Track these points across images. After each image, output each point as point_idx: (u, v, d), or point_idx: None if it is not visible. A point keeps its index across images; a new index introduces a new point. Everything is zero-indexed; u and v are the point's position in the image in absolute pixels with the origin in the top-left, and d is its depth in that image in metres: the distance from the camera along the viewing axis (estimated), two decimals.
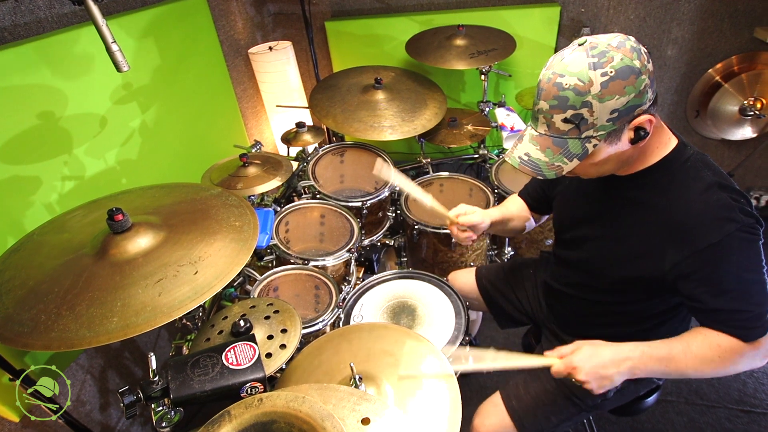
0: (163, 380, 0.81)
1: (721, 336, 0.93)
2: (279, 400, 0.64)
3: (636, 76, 0.83)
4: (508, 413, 1.23)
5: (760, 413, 1.81)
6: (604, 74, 0.82)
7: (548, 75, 0.88)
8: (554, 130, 0.90)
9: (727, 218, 0.88)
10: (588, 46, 0.85)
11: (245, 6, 2.52)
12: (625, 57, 0.83)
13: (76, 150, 1.53)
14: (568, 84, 0.84)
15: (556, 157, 0.91)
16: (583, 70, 0.84)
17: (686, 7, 2.29)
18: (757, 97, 2.26)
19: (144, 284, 0.97)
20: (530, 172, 0.94)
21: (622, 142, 0.90)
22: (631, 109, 0.85)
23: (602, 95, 0.83)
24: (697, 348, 0.94)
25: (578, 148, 0.89)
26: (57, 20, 1.51)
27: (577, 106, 0.85)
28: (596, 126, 0.86)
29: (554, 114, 0.88)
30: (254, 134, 2.69)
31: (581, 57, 0.84)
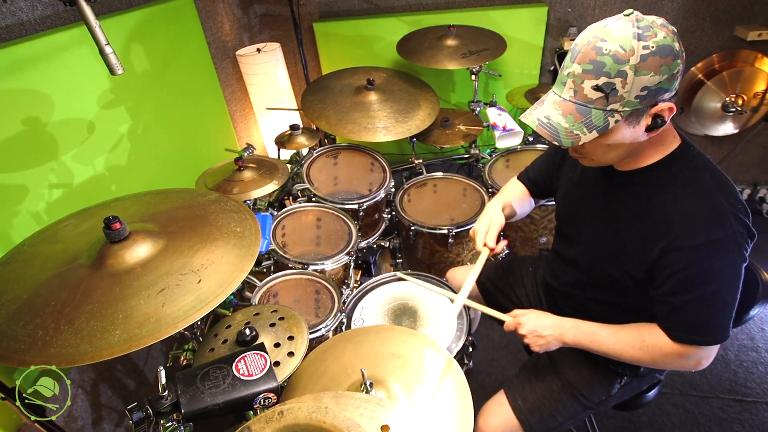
0: (172, 394, 0.78)
1: (653, 334, 1.00)
2: (301, 412, 0.62)
3: (674, 57, 0.82)
4: (513, 413, 1.23)
5: (751, 402, 1.85)
6: (646, 47, 0.81)
7: (588, 38, 0.86)
8: (581, 96, 0.87)
9: (718, 224, 0.89)
10: (634, 18, 0.84)
11: (232, 7, 2.47)
12: (668, 36, 0.82)
13: (63, 156, 1.47)
14: (608, 50, 0.82)
15: (576, 125, 0.88)
16: (627, 38, 0.82)
17: (669, 6, 2.34)
18: (739, 94, 2.32)
19: (146, 295, 0.94)
20: (547, 135, 0.91)
21: (640, 126, 0.89)
22: (660, 92, 0.84)
23: (640, 68, 0.81)
24: (623, 335, 1.05)
25: (600, 119, 0.87)
26: (40, 22, 1.46)
27: (612, 73, 0.83)
28: (624, 100, 0.84)
29: (585, 79, 0.85)
30: (243, 137, 2.65)
31: (627, 26, 0.83)
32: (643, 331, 1.03)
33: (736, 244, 0.89)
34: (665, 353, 0.99)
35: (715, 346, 0.97)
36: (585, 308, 1.23)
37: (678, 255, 0.92)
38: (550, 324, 1.12)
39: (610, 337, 1.06)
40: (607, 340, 1.07)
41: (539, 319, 1.14)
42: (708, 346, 0.96)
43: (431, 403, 1.04)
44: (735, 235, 0.89)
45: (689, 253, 0.91)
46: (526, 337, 1.14)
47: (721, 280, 0.91)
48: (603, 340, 1.07)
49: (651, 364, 1.03)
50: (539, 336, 1.12)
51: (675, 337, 0.97)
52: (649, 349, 1.01)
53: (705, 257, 0.90)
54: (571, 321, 1.12)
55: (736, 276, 0.92)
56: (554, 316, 1.14)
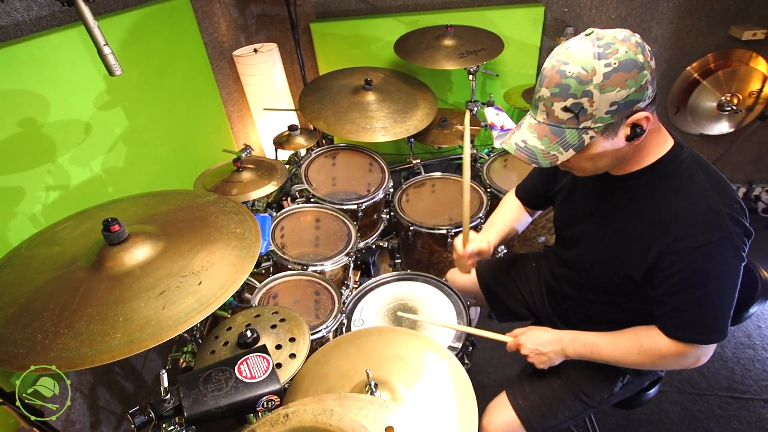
0: (174, 398, 0.78)
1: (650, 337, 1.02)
2: (306, 415, 0.61)
3: (639, 70, 0.83)
4: (514, 411, 1.24)
5: (749, 399, 1.86)
6: (608, 65, 0.83)
7: (552, 62, 0.88)
8: (553, 119, 0.90)
9: (714, 225, 0.89)
10: (594, 37, 0.86)
11: (228, 7, 2.46)
12: (629, 50, 0.83)
13: (60, 158, 1.46)
14: (571, 72, 0.85)
15: (552, 146, 0.90)
16: (587, 59, 0.84)
17: (665, 6, 2.36)
18: (734, 93, 2.34)
19: (146, 297, 0.93)
20: (525, 159, 0.94)
21: (618, 137, 0.90)
22: (631, 104, 0.85)
23: (604, 86, 0.83)
24: (621, 342, 1.06)
25: (575, 138, 0.89)
26: (36, 23, 1.44)
27: (578, 94, 0.85)
28: (595, 117, 0.86)
29: (554, 102, 0.88)
30: (241, 138, 2.64)
31: (587, 46, 0.85)
32: (640, 336, 1.04)
33: (732, 245, 0.90)
34: (664, 354, 1.00)
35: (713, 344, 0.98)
36: (586, 309, 1.23)
37: (675, 257, 0.92)
38: (549, 340, 1.15)
39: (609, 345, 1.08)
40: (606, 348, 1.08)
41: (538, 336, 1.16)
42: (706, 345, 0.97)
43: None
44: (731, 235, 0.89)
45: (686, 256, 0.91)
46: (529, 357, 1.16)
47: (719, 281, 0.92)
48: (602, 350, 1.09)
49: (651, 366, 1.05)
50: (540, 354, 1.14)
51: (674, 336, 0.98)
52: (647, 353, 1.02)
53: (702, 259, 0.90)
54: (569, 333, 1.14)
55: (733, 276, 0.92)
56: (553, 331, 1.17)
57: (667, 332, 0.99)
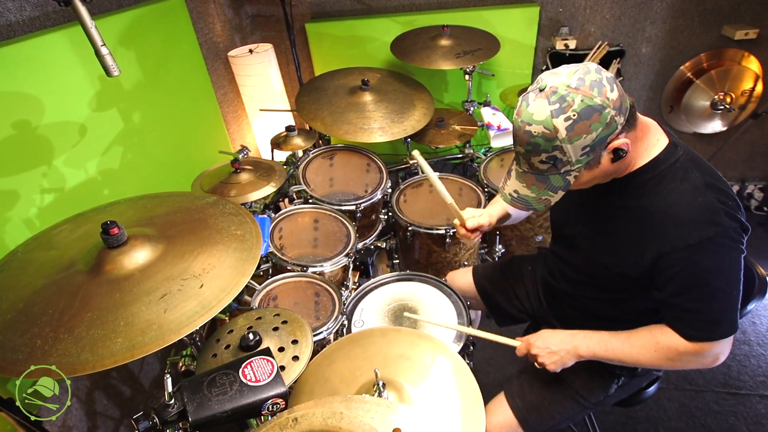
0: (178, 402, 0.77)
1: (666, 334, 1.00)
2: (315, 419, 0.61)
3: (599, 113, 0.85)
4: (513, 412, 1.24)
5: (745, 395, 1.88)
6: (567, 119, 0.85)
7: (518, 122, 0.92)
8: (535, 170, 0.95)
9: (710, 221, 0.90)
10: (549, 92, 0.87)
11: (223, 8, 2.45)
12: (585, 98, 0.84)
13: (54, 160, 1.44)
14: (536, 131, 0.88)
15: (542, 192, 0.96)
16: (546, 118, 0.86)
17: (659, 6, 2.38)
18: (727, 92, 2.36)
19: (147, 301, 0.92)
20: (522, 208, 1.01)
21: (603, 164, 0.93)
22: (603, 140, 0.88)
23: (570, 138, 0.87)
24: (636, 339, 1.04)
25: (560, 181, 0.94)
26: (29, 23, 1.42)
27: (549, 149, 0.89)
28: (572, 162, 0.90)
29: (531, 156, 0.93)
30: (236, 139, 2.62)
31: (543, 105, 0.87)
32: (656, 333, 1.02)
33: (730, 239, 0.91)
34: (681, 353, 0.99)
35: (729, 339, 0.97)
36: (585, 306, 1.24)
37: (675, 256, 0.93)
38: (560, 339, 1.12)
39: (624, 343, 1.05)
40: (621, 346, 1.05)
41: (550, 336, 1.13)
42: (722, 340, 0.96)
43: None
44: (728, 230, 0.90)
45: (685, 254, 0.92)
46: (540, 356, 1.12)
47: (722, 276, 0.93)
48: (617, 347, 1.06)
49: (669, 365, 1.02)
50: (552, 353, 1.11)
51: (688, 336, 0.97)
52: (664, 350, 1.00)
53: (701, 256, 0.91)
54: (581, 333, 1.11)
55: (735, 269, 0.93)
56: (564, 331, 1.14)
57: (681, 333, 0.98)
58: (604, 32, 2.49)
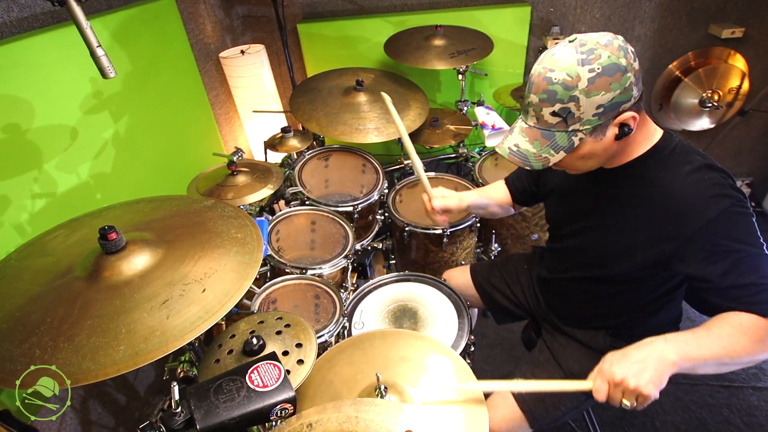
0: (185, 410, 0.75)
1: (740, 316, 0.90)
2: (330, 424, 0.60)
3: (622, 73, 0.86)
4: (518, 405, 1.24)
5: (738, 387, 1.92)
6: (592, 70, 0.86)
7: (539, 69, 0.92)
8: (543, 123, 0.94)
9: (721, 194, 0.92)
10: (578, 43, 0.89)
11: (213, 8, 2.42)
12: (612, 55, 0.86)
13: (46, 165, 1.41)
14: (557, 78, 0.88)
15: (543, 149, 0.95)
16: (571, 65, 0.87)
17: (647, 5, 2.41)
18: (715, 90, 2.40)
19: (148, 307, 0.90)
20: (518, 162, 0.98)
21: (607, 137, 0.93)
22: (616, 106, 0.89)
23: (589, 90, 0.87)
24: (719, 329, 0.90)
25: (565, 140, 0.93)
26: (17, 24, 1.39)
27: (564, 100, 0.89)
28: (582, 120, 0.90)
29: (543, 107, 0.92)
30: (229, 141, 2.59)
31: (571, 53, 0.88)
32: (730, 318, 0.91)
33: (743, 207, 0.93)
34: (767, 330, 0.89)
35: None
36: (584, 300, 1.25)
37: (699, 236, 0.92)
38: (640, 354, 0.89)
39: (711, 336, 0.89)
40: (708, 339, 0.89)
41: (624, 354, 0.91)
42: None
43: None
44: (739, 199, 0.92)
45: (709, 229, 0.91)
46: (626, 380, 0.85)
47: (753, 238, 0.92)
48: (706, 342, 0.89)
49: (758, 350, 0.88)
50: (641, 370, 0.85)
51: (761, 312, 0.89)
52: (752, 331, 0.88)
53: (726, 225, 0.91)
54: (656, 338, 0.91)
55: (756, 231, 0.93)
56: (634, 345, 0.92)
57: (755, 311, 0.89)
58: (594, 31, 2.50)
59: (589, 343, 1.27)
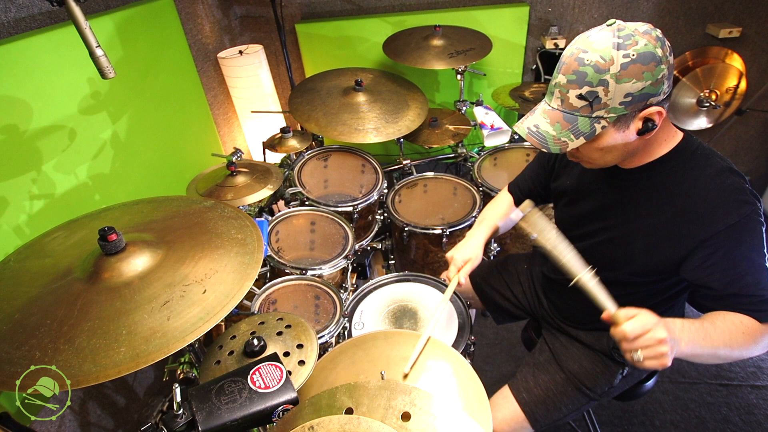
0: (187, 412, 0.75)
1: (739, 316, 0.93)
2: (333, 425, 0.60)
3: (656, 63, 0.83)
4: (519, 406, 1.24)
5: (737, 385, 1.92)
6: (626, 56, 0.83)
7: (572, 50, 0.90)
8: (567, 105, 0.91)
9: (743, 200, 0.91)
10: (616, 27, 0.86)
11: (211, 8, 2.41)
12: (649, 43, 0.84)
13: (44, 166, 1.40)
14: (589, 60, 0.86)
15: (563, 132, 0.91)
16: (606, 48, 0.85)
17: (645, 5, 2.42)
18: (712, 89, 2.41)
19: (149, 308, 0.90)
20: (536, 143, 0.95)
21: (630, 131, 0.91)
22: (645, 97, 0.86)
23: (620, 76, 0.84)
24: (720, 324, 0.92)
25: (587, 126, 0.90)
26: (14, 25, 1.38)
27: (594, 83, 0.86)
28: (608, 107, 0.87)
29: (570, 89, 0.89)
30: (228, 142, 2.59)
31: (607, 36, 0.86)
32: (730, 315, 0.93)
33: (760, 216, 0.92)
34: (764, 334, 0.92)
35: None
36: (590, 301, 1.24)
37: (716, 240, 0.92)
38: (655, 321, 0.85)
39: (715, 330, 0.91)
40: (713, 332, 0.90)
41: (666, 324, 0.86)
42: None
43: None
44: (758, 208, 0.92)
45: (726, 235, 0.91)
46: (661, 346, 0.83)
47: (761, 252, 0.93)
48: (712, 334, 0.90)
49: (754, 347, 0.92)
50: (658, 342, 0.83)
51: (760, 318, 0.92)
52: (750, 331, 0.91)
53: (742, 233, 0.91)
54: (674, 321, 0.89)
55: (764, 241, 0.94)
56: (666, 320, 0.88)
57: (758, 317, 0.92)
58: None
59: (592, 344, 1.27)
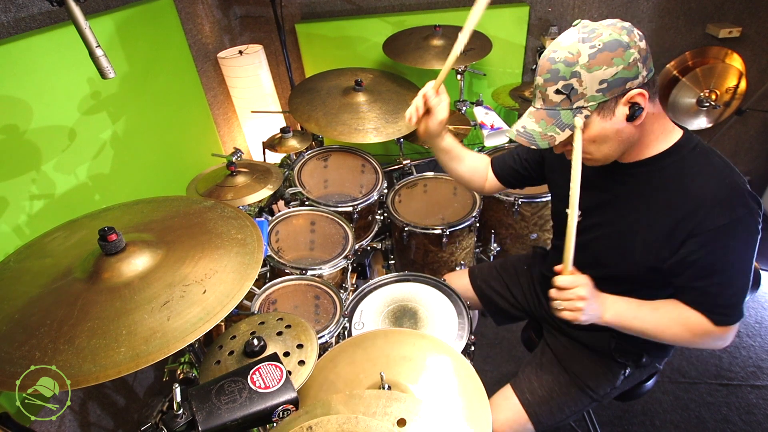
0: (187, 412, 0.75)
1: (693, 312, 0.99)
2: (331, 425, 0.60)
3: (624, 49, 0.86)
4: (522, 407, 1.24)
5: (737, 385, 1.93)
6: (592, 47, 0.88)
7: (545, 54, 0.95)
8: (548, 103, 0.95)
9: (739, 203, 0.91)
10: (581, 26, 0.92)
11: (211, 8, 2.41)
12: (613, 32, 0.88)
13: (44, 166, 1.40)
14: (559, 57, 0.91)
15: (549, 127, 0.95)
16: (573, 43, 0.90)
17: (645, 5, 2.42)
18: (712, 89, 2.41)
19: (149, 308, 0.90)
20: (525, 142, 0.98)
21: (617, 117, 0.91)
22: (621, 82, 0.87)
23: (590, 65, 0.88)
24: (666, 311, 1.02)
25: (570, 118, 0.93)
26: (14, 25, 1.38)
27: (566, 76, 0.90)
28: (586, 96, 0.90)
29: (547, 87, 0.93)
30: (228, 142, 2.59)
31: (573, 33, 0.91)
32: (682, 309, 1.01)
33: (754, 220, 0.93)
34: (708, 334, 0.99)
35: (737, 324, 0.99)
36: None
37: (704, 238, 0.93)
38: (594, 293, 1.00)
39: (653, 313, 1.02)
40: (650, 315, 1.02)
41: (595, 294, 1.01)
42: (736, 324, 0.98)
43: None
44: (752, 211, 0.92)
45: (714, 234, 0.92)
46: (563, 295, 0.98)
47: (744, 258, 0.94)
48: (645, 316, 1.02)
49: (689, 342, 1.02)
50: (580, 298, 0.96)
51: (717, 321, 0.98)
52: (693, 328, 1.00)
53: (729, 236, 0.92)
54: (611, 296, 1.04)
55: (753, 252, 0.95)
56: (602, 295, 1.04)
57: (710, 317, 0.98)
58: None
59: (593, 345, 1.27)
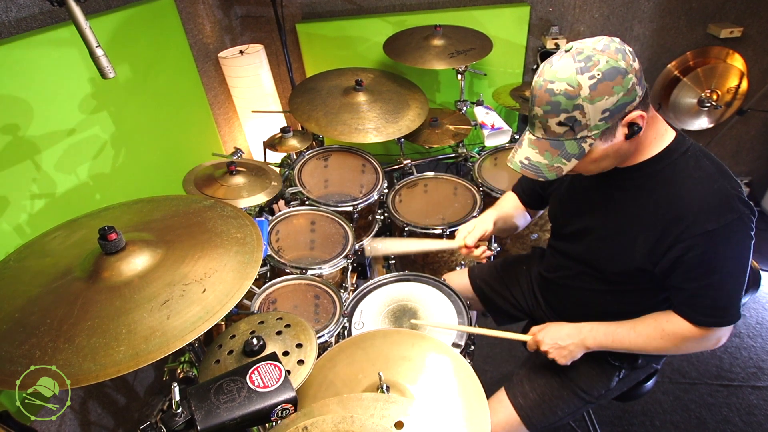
0: (186, 411, 0.75)
1: (671, 321, 1.03)
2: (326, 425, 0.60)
3: (623, 76, 0.87)
4: (515, 410, 1.25)
5: (737, 386, 1.92)
6: (592, 77, 0.87)
7: (540, 82, 0.93)
8: (551, 134, 0.94)
9: (727, 207, 0.92)
10: (574, 52, 0.89)
11: (212, 8, 2.41)
12: (610, 59, 0.87)
13: (45, 165, 1.40)
14: (558, 89, 0.89)
15: (555, 158, 0.95)
16: (571, 75, 0.88)
17: (646, 5, 2.41)
18: (713, 89, 2.41)
19: (149, 307, 0.90)
20: (532, 175, 0.98)
21: (617, 138, 0.93)
22: (622, 107, 0.89)
23: (592, 97, 0.87)
24: (643, 328, 1.07)
25: (575, 148, 0.93)
26: (15, 25, 1.38)
27: (569, 109, 0.89)
28: (590, 126, 0.90)
29: (549, 118, 0.92)
30: (228, 141, 2.59)
31: (569, 63, 0.89)
32: (661, 320, 1.05)
33: (744, 225, 0.92)
34: (687, 338, 1.01)
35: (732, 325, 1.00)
36: (587, 300, 1.24)
37: (691, 242, 0.93)
38: (568, 333, 1.13)
39: (630, 333, 1.08)
40: (627, 336, 1.08)
41: (557, 331, 1.15)
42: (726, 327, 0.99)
43: None
44: (742, 216, 0.92)
45: (702, 239, 0.93)
46: (549, 353, 1.14)
47: (735, 262, 0.94)
48: (624, 337, 1.08)
49: (674, 350, 1.05)
50: (561, 347, 1.13)
51: (696, 322, 1.00)
52: (670, 337, 1.03)
53: (719, 242, 0.92)
54: (587, 325, 1.13)
55: (746, 256, 0.95)
56: (570, 324, 1.15)
57: (688, 318, 1.01)
58: (593, 31, 2.52)
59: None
